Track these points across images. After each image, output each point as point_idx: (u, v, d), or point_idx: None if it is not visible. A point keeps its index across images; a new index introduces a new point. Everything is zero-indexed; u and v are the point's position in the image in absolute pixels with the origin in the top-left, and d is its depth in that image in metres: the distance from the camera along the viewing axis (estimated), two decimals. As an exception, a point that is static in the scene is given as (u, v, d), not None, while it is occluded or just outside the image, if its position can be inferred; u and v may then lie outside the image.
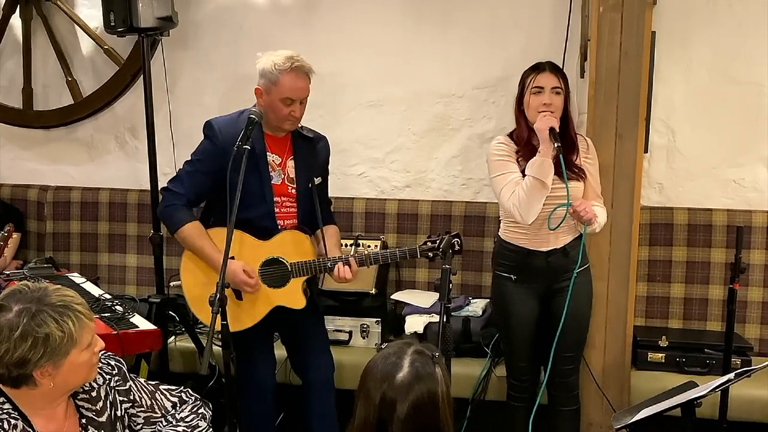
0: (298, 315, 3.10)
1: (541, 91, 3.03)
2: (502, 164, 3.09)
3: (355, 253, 3.03)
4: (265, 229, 3.05)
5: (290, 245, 3.05)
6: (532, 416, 3.09)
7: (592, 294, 3.25)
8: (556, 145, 2.93)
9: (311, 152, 3.16)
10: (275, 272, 3.05)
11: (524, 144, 3.08)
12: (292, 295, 3.05)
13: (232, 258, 2.95)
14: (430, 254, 2.99)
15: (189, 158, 3.12)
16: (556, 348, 3.05)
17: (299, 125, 3.14)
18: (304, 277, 3.06)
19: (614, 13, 3.31)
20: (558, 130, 2.97)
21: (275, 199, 3.07)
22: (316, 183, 3.14)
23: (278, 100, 2.97)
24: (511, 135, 3.17)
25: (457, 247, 2.97)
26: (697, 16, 3.72)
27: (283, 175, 3.09)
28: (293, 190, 3.10)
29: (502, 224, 3.22)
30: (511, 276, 3.15)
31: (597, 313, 3.44)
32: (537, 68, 3.08)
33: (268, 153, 3.05)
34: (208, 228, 3.06)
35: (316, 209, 3.12)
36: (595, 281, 3.37)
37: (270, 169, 3.05)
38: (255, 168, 2.98)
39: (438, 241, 2.98)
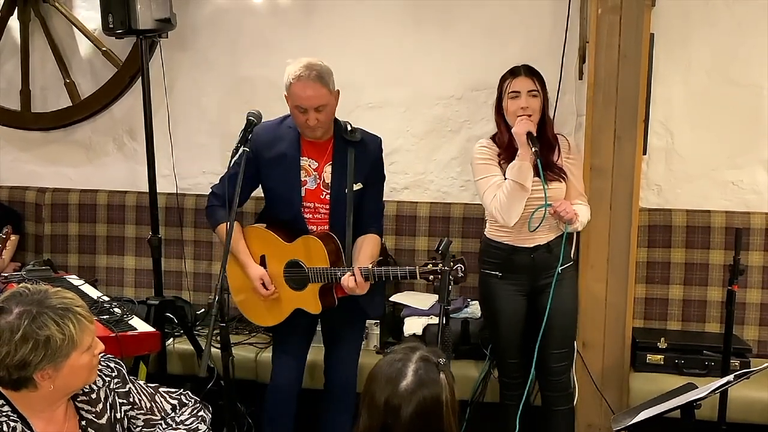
0: (336, 317, 3.14)
1: (517, 95, 3.10)
2: (484, 167, 3.16)
3: (360, 267, 2.98)
4: (295, 231, 3.09)
5: (310, 250, 3.05)
6: (519, 412, 3.12)
7: (577, 291, 3.31)
8: (533, 149, 2.99)
9: (356, 157, 3.08)
10: (297, 275, 3.09)
11: (505, 147, 3.14)
12: (309, 300, 3.07)
13: (263, 258, 3.06)
14: (430, 277, 2.93)
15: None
16: (545, 346, 3.11)
17: (348, 127, 3.11)
18: (320, 284, 3.05)
19: (613, 15, 3.32)
20: (535, 134, 3.03)
21: (308, 204, 3.08)
22: (355, 189, 3.08)
23: (293, 107, 3.00)
24: (494, 138, 3.23)
25: (460, 274, 2.87)
26: (695, 18, 3.72)
27: (318, 181, 3.08)
28: (327, 196, 3.08)
29: (487, 224, 3.29)
30: (497, 273, 3.21)
31: (595, 314, 3.44)
32: (513, 72, 3.16)
33: (302, 158, 3.07)
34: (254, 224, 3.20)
35: (347, 217, 3.06)
36: (594, 282, 3.37)
37: (305, 174, 3.07)
38: (285, 172, 3.03)
39: (439, 265, 2.89)
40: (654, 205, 3.88)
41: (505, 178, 3.07)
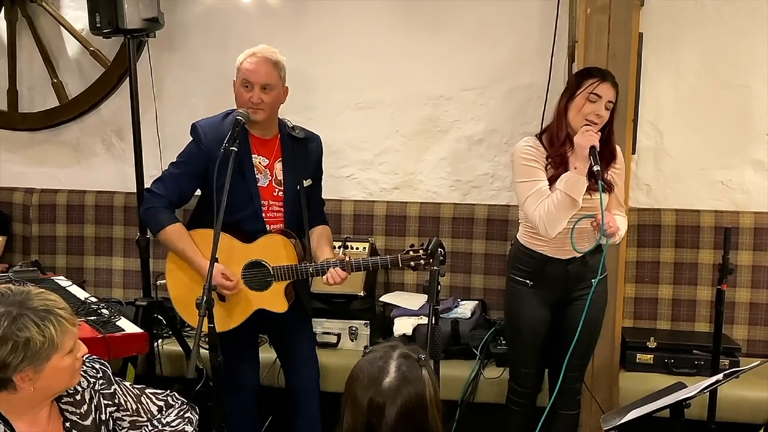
0: (285, 318, 3.08)
1: (598, 99, 2.87)
2: (529, 170, 2.95)
3: (337, 260, 2.99)
4: (253, 231, 3.04)
5: (273, 249, 3.03)
6: (539, 426, 2.95)
7: (606, 303, 3.18)
8: (595, 168, 2.79)
9: (302, 153, 3.12)
10: (258, 275, 3.04)
11: (558, 147, 2.93)
12: (274, 299, 3.04)
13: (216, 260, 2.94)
14: (412, 263, 2.91)
15: (174, 160, 3.11)
16: (565, 356, 2.93)
17: (290, 125, 3.12)
18: (287, 282, 3.04)
19: (601, 14, 3.32)
20: (598, 149, 2.83)
21: (263, 201, 3.05)
22: (305, 185, 3.11)
23: (239, 86, 2.99)
24: (539, 137, 3.02)
25: (441, 258, 2.82)
26: (684, 18, 3.73)
27: (270, 178, 3.07)
28: (280, 193, 3.08)
29: (521, 228, 3.12)
30: (528, 282, 3.07)
31: (586, 314, 3.44)
32: (602, 75, 2.91)
33: (253, 155, 3.03)
34: (194, 229, 3.04)
35: (303, 212, 3.10)
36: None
37: (256, 171, 3.03)
38: (239, 169, 2.96)
39: (420, 251, 2.89)
40: (643, 205, 3.88)
41: (550, 184, 2.91)
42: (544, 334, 3.13)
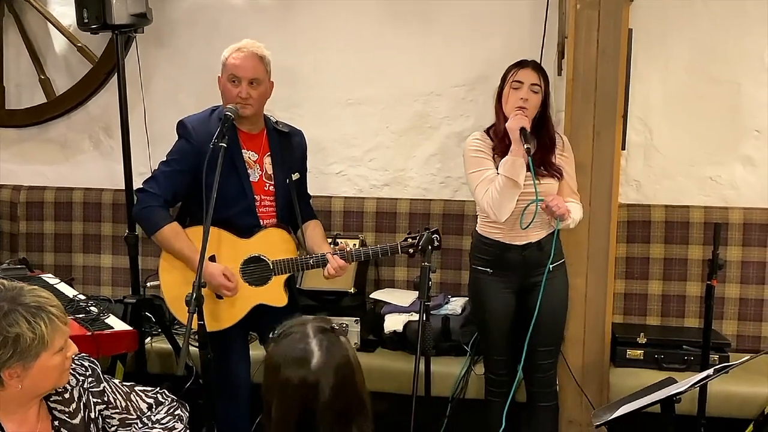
0: (279, 313, 3.06)
1: (520, 86, 3.04)
2: (477, 161, 3.10)
3: (336, 250, 3.01)
4: (247, 227, 3.03)
5: (272, 243, 3.03)
6: (506, 409, 3.09)
7: (568, 288, 3.26)
8: (525, 146, 2.93)
9: (288, 148, 3.13)
10: (257, 270, 3.03)
11: (500, 139, 3.09)
12: (274, 293, 3.03)
13: (212, 258, 2.93)
14: (410, 250, 3.00)
15: (164, 158, 3.09)
16: (533, 342, 3.06)
17: (274, 119, 3.13)
18: (286, 275, 3.04)
19: (591, 10, 3.32)
20: (529, 130, 2.98)
21: (255, 196, 3.03)
22: (293, 179, 3.12)
23: (226, 80, 2.98)
24: (488, 131, 3.18)
25: (436, 243, 2.97)
26: (674, 15, 3.74)
27: (260, 172, 3.06)
28: (271, 187, 3.07)
29: (478, 219, 3.23)
30: (488, 270, 3.17)
31: (575, 310, 3.44)
32: (520, 64, 3.09)
33: (243, 150, 3.02)
34: (185, 227, 3.02)
35: (294, 206, 3.11)
36: (574, 278, 3.36)
37: (246, 167, 3.02)
38: (231, 165, 2.95)
39: (417, 237, 2.98)
40: (633, 201, 3.89)
41: (498, 173, 3.03)
42: (510, 321, 3.21)
